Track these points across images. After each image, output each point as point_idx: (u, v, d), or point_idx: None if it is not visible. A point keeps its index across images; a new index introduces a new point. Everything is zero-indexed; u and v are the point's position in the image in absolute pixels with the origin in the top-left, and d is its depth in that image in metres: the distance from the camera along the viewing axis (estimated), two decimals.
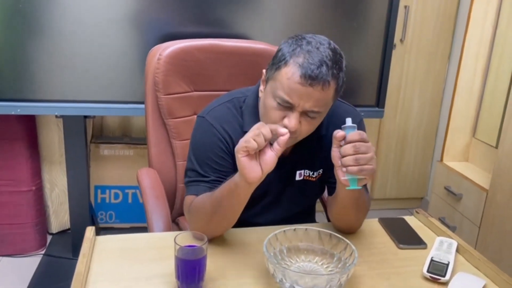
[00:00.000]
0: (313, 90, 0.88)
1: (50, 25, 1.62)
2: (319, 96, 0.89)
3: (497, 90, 2.17)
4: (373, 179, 2.71)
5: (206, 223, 0.95)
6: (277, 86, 0.92)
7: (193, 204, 0.98)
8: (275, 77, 0.92)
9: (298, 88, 0.89)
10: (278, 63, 0.92)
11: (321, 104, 0.92)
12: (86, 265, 0.86)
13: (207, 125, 1.04)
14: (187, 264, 0.81)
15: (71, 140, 1.91)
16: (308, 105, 0.90)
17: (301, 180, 1.10)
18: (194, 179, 1.02)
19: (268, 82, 0.96)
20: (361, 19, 1.87)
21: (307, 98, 0.89)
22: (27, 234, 2.08)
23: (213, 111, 1.06)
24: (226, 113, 1.05)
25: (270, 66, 0.96)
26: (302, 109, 0.91)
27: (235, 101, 1.07)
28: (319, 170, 1.11)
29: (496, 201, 1.84)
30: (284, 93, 0.90)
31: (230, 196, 0.91)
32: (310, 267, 0.90)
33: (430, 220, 1.14)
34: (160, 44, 1.40)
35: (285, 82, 0.90)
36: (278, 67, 0.92)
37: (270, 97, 0.94)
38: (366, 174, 0.86)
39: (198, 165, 1.02)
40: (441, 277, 0.89)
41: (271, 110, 0.94)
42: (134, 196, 2.28)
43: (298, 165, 1.08)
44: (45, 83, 1.68)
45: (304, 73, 0.88)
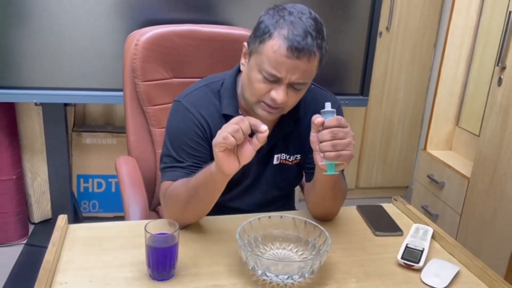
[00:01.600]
0: (299, 62, 0.88)
1: (29, 11, 1.58)
2: (305, 68, 0.90)
3: (480, 78, 2.18)
4: (359, 167, 2.72)
5: (180, 210, 0.94)
6: (262, 60, 0.91)
7: (168, 191, 0.97)
8: (260, 50, 0.91)
9: (285, 61, 0.89)
10: (261, 35, 0.91)
11: (307, 75, 0.92)
12: (55, 253, 0.85)
13: (183, 110, 1.02)
14: (158, 252, 0.80)
15: (51, 128, 1.88)
16: (295, 77, 0.90)
17: (278, 164, 1.09)
18: (170, 165, 1.01)
19: (252, 55, 0.94)
20: (346, 6, 1.86)
21: (294, 71, 0.89)
22: (8, 224, 2.05)
23: (190, 95, 1.04)
24: (203, 98, 1.03)
25: (252, 38, 0.94)
26: (289, 81, 0.91)
27: (212, 86, 1.06)
28: (296, 155, 1.10)
29: (477, 189, 1.86)
30: (271, 67, 0.90)
31: (205, 185, 0.90)
32: (285, 254, 0.90)
33: (408, 207, 1.14)
34: (138, 30, 1.38)
35: (271, 55, 0.89)
36: (262, 40, 0.91)
37: (255, 71, 0.93)
38: (344, 159, 0.85)
39: (174, 150, 1.01)
40: (415, 263, 0.90)
41: (256, 83, 0.93)
42: (117, 185, 2.26)
43: (275, 148, 1.08)
44: (23, 69, 1.64)
45: (291, 46, 0.87)
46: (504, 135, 1.69)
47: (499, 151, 1.72)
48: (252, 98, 0.96)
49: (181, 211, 0.94)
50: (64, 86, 1.68)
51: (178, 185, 0.96)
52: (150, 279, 0.82)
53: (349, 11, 1.87)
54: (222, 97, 1.04)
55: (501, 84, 1.71)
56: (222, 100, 1.03)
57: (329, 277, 0.85)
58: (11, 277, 1.84)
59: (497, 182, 1.73)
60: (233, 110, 1.02)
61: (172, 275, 0.82)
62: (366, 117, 2.62)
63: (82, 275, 0.82)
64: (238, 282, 0.82)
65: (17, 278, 1.84)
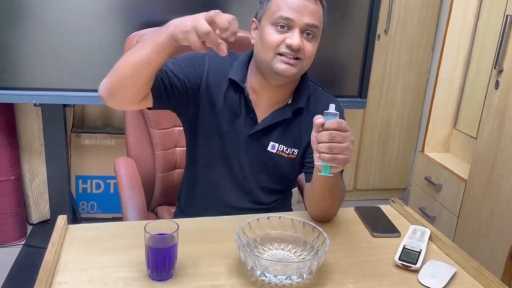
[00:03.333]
0: (308, 2, 0.97)
1: (28, 13, 1.59)
2: (314, 9, 0.98)
3: (477, 81, 2.19)
4: (357, 169, 2.73)
5: (118, 63, 0.92)
6: (274, 11, 0.98)
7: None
8: (269, 6, 0.99)
9: (295, 2, 0.96)
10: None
11: (317, 18, 0.99)
12: (55, 254, 0.85)
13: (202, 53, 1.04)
14: (158, 252, 0.80)
15: (50, 129, 1.88)
16: (307, 17, 0.97)
17: (275, 154, 1.10)
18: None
19: (262, 18, 1.01)
20: (344, 9, 1.87)
21: (305, 11, 0.97)
22: (7, 225, 2.06)
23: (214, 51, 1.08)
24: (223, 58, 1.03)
25: (259, 7, 1.03)
26: (301, 23, 0.97)
27: (234, 54, 1.12)
28: (293, 150, 1.11)
29: (474, 191, 1.87)
30: (283, 11, 0.97)
31: (152, 39, 0.87)
32: (283, 255, 0.91)
33: (405, 209, 1.15)
34: (138, 31, 1.38)
35: (280, 2, 0.98)
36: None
37: (267, 26, 0.99)
38: (339, 163, 0.86)
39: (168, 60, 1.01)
40: (412, 264, 0.90)
41: (270, 36, 0.98)
42: (116, 186, 2.26)
43: (271, 134, 1.09)
44: (23, 70, 1.65)
45: None
46: (501, 137, 1.70)
47: (496, 153, 1.73)
48: (268, 53, 1.00)
49: (118, 63, 0.92)
50: (63, 87, 1.69)
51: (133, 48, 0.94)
52: (149, 279, 0.82)
53: (347, 14, 1.88)
54: (234, 64, 1.09)
55: (498, 87, 1.72)
56: (233, 67, 1.08)
57: (327, 278, 0.86)
58: (9, 278, 1.84)
59: (494, 184, 1.74)
60: (240, 78, 1.07)
61: (171, 275, 0.83)
62: (364, 119, 2.63)
63: (81, 275, 0.82)
64: (236, 282, 0.83)
65: (16, 279, 1.84)
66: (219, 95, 1.07)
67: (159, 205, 1.44)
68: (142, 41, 0.91)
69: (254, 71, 1.07)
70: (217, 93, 1.07)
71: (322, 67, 1.00)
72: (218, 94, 1.07)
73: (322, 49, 1.08)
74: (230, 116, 1.08)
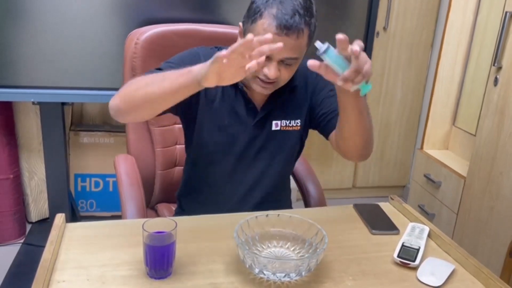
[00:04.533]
0: (288, 39, 0.94)
1: (27, 10, 1.58)
2: (294, 44, 0.95)
3: (476, 78, 2.19)
4: (356, 167, 2.73)
5: (133, 90, 0.91)
6: None
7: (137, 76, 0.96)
8: (252, 29, 0.97)
9: (274, 39, 0.92)
10: (253, 15, 0.97)
11: (297, 51, 0.98)
12: (53, 252, 0.85)
13: (193, 51, 1.09)
14: (156, 250, 0.80)
15: (49, 127, 1.88)
16: (285, 53, 0.96)
17: (279, 131, 1.13)
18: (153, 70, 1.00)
19: (245, 34, 1.00)
20: (343, 6, 1.86)
21: (283, 47, 0.90)
22: (6, 223, 2.05)
23: (205, 48, 1.11)
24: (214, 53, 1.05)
25: (246, 18, 1.01)
26: (280, 57, 0.97)
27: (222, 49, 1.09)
28: (297, 121, 1.14)
29: (473, 189, 1.87)
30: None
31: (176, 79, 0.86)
32: (282, 252, 0.90)
33: (404, 206, 1.15)
34: (138, 29, 1.38)
35: (261, 33, 0.91)
36: (253, 19, 0.97)
37: None
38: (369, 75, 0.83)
39: (164, 67, 1.02)
40: (411, 262, 0.90)
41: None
42: (115, 184, 2.26)
43: (272, 115, 1.12)
44: (21, 68, 1.64)
45: (279, 24, 0.93)
46: (500, 135, 1.70)
47: (495, 150, 1.73)
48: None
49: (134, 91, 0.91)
50: (62, 85, 1.68)
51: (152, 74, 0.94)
52: (147, 277, 0.82)
53: (346, 11, 1.88)
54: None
55: (497, 84, 1.72)
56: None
57: (325, 275, 0.86)
58: (9, 276, 1.84)
59: (493, 182, 1.74)
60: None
61: (169, 274, 0.83)
62: None
63: (79, 274, 0.82)
64: (235, 280, 0.83)
65: (15, 277, 1.84)
66: (216, 91, 1.09)
67: (159, 202, 1.44)
68: (161, 77, 0.89)
69: None
70: (214, 90, 1.08)
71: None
72: (215, 90, 1.08)
73: None
74: (230, 110, 1.10)
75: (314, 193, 1.35)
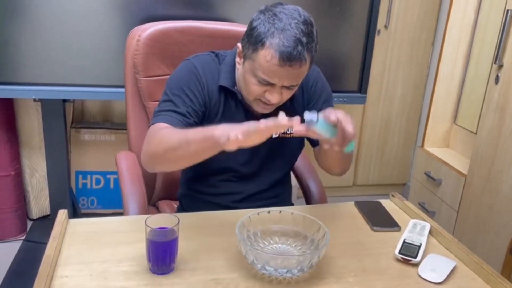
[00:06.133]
0: (291, 69, 0.94)
1: (28, 7, 1.58)
2: (297, 73, 0.96)
3: (477, 76, 2.19)
4: (356, 165, 2.73)
5: (163, 152, 0.93)
6: (256, 67, 0.97)
7: (162, 131, 0.97)
8: (254, 58, 0.97)
9: (278, 70, 0.95)
10: (254, 44, 0.96)
11: (299, 78, 1.00)
12: (56, 248, 0.86)
13: (189, 65, 1.09)
14: (158, 246, 0.80)
15: (50, 124, 1.88)
16: (288, 82, 0.97)
17: (277, 138, 1.12)
18: (166, 108, 1.03)
19: (246, 60, 1.01)
20: (344, 4, 1.86)
21: (286, 77, 0.96)
22: (7, 220, 2.06)
23: (199, 57, 1.11)
24: (210, 62, 1.10)
25: (246, 43, 1.00)
26: (282, 85, 0.98)
27: (219, 56, 1.13)
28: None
29: (473, 186, 1.87)
30: (265, 75, 0.96)
31: (200, 144, 0.88)
32: (283, 248, 0.91)
33: (405, 203, 1.15)
34: (140, 26, 1.38)
35: (264, 64, 0.95)
36: (255, 48, 0.96)
37: (250, 75, 1.00)
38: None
39: (173, 96, 1.04)
40: (412, 258, 0.91)
41: (252, 86, 1.00)
42: (115, 181, 2.27)
43: None
44: (22, 65, 1.64)
45: (282, 56, 0.92)
46: (501, 133, 1.70)
47: (496, 148, 1.73)
48: (249, 97, 1.04)
49: (163, 153, 0.93)
50: (63, 82, 1.68)
51: (174, 130, 0.96)
52: (150, 273, 0.82)
53: (347, 9, 1.88)
54: (222, 70, 1.10)
55: (498, 82, 1.72)
56: (221, 73, 1.09)
57: (327, 272, 0.86)
58: (10, 273, 1.84)
59: (494, 179, 1.74)
60: (230, 84, 1.08)
61: (172, 269, 0.83)
62: (364, 115, 2.63)
63: (82, 269, 0.82)
64: (237, 276, 0.83)
65: (16, 274, 1.84)
66: (218, 102, 1.09)
67: (160, 199, 1.44)
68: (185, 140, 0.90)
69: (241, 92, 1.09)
70: (216, 100, 1.09)
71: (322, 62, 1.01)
72: (217, 100, 1.09)
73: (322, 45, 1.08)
74: (231, 119, 1.09)
75: (315, 190, 1.35)
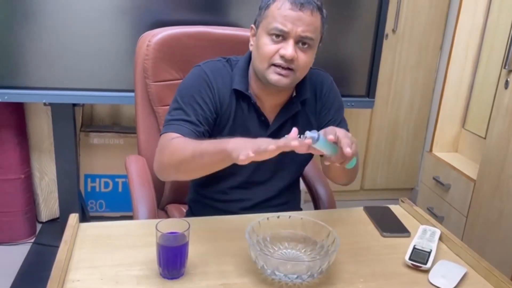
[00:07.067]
0: (303, 14, 0.97)
1: (39, 12, 1.60)
2: (309, 20, 0.98)
3: (486, 80, 2.18)
4: (364, 169, 2.72)
5: (177, 163, 0.95)
6: (269, 21, 0.99)
7: (175, 141, 0.98)
8: (266, 15, 1.00)
9: (290, 14, 0.97)
10: (266, 4, 1.01)
11: (312, 29, 0.99)
12: (67, 252, 0.86)
13: (200, 71, 1.09)
14: (169, 250, 0.81)
15: (60, 128, 1.90)
16: (301, 29, 0.97)
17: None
18: (177, 117, 1.04)
19: (259, 26, 1.03)
20: (352, 8, 1.86)
21: (299, 23, 0.97)
22: (16, 222, 2.07)
23: (210, 63, 1.12)
24: (221, 69, 1.11)
25: (258, 14, 1.04)
26: (296, 34, 0.98)
27: (230, 61, 1.13)
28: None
29: (483, 192, 1.86)
30: (278, 23, 0.98)
31: (213, 156, 0.90)
32: (293, 254, 0.91)
33: (414, 209, 1.15)
34: (150, 31, 1.39)
35: (276, 13, 0.98)
36: (267, 6, 1.01)
37: (263, 35, 1.01)
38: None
39: (184, 104, 1.05)
40: (422, 264, 0.90)
41: (265, 46, 1.00)
42: (124, 185, 2.28)
43: (284, 129, 1.12)
44: (33, 70, 1.66)
45: (294, 0, 0.97)
46: (511, 138, 1.69)
47: (505, 153, 1.72)
48: (262, 63, 1.02)
49: (177, 164, 0.95)
50: (73, 87, 1.70)
51: (187, 141, 0.97)
52: (160, 277, 0.83)
53: (355, 13, 1.88)
54: (235, 74, 1.10)
55: (507, 87, 1.71)
56: (234, 77, 1.10)
57: (337, 277, 0.86)
58: (19, 275, 1.86)
59: (503, 185, 1.73)
60: (244, 88, 1.09)
61: (182, 274, 0.83)
62: (372, 119, 2.62)
63: (93, 273, 0.83)
64: (247, 281, 0.83)
65: (25, 277, 1.85)
66: (230, 107, 1.09)
67: (169, 203, 1.45)
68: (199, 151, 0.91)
69: (254, 77, 1.09)
70: (227, 105, 1.09)
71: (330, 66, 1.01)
72: (229, 105, 1.09)
73: (330, 49, 1.09)
74: (242, 124, 1.10)
75: (324, 195, 1.35)
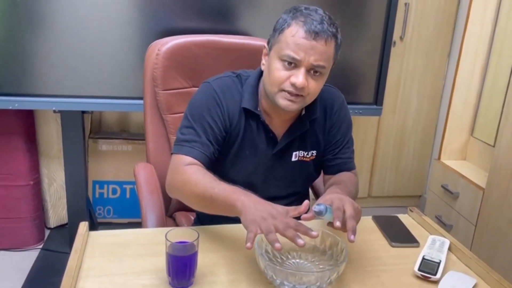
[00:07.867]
0: (317, 43, 0.95)
1: (49, 20, 1.62)
2: (322, 50, 0.96)
3: (495, 88, 2.17)
4: (372, 176, 2.71)
5: (185, 195, 1.00)
6: (282, 47, 0.98)
7: (188, 171, 0.99)
8: (279, 39, 0.99)
9: (304, 43, 0.95)
10: (280, 27, 1.00)
11: (325, 58, 0.98)
12: (78, 260, 0.87)
13: (209, 89, 1.08)
14: (178, 260, 0.81)
15: (69, 135, 1.91)
16: (313, 58, 0.96)
17: (297, 161, 1.14)
18: (189, 138, 1.04)
19: (272, 48, 1.02)
20: (360, 15, 1.87)
21: (312, 52, 0.96)
22: (25, 228, 2.09)
23: (219, 79, 1.11)
24: (231, 86, 1.10)
25: (272, 34, 1.03)
26: (308, 63, 0.97)
27: (240, 77, 1.12)
28: (312, 152, 1.15)
29: (492, 200, 1.84)
30: (290, 50, 0.96)
31: (221, 205, 0.93)
32: (302, 264, 0.91)
33: (423, 218, 1.14)
34: (159, 40, 1.40)
35: (290, 40, 0.96)
36: (281, 30, 0.99)
37: (275, 60, 1.00)
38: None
39: (194, 122, 1.05)
40: (432, 275, 0.90)
41: (276, 72, 1.00)
42: (132, 191, 2.29)
43: (292, 146, 1.13)
44: (43, 77, 1.68)
45: (308, 29, 0.95)
46: None
47: None
48: (273, 88, 1.02)
49: (185, 196, 1.00)
50: (82, 94, 1.72)
51: (200, 177, 0.97)
52: (169, 287, 0.83)
53: (363, 20, 1.88)
54: (244, 91, 1.09)
55: None
56: (244, 95, 1.09)
57: (345, 287, 0.86)
58: (28, 281, 1.87)
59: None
60: (253, 106, 1.08)
61: (191, 283, 0.84)
62: (379, 126, 2.62)
63: (103, 282, 0.83)
64: None
65: (34, 283, 1.86)
66: (239, 124, 1.09)
67: (176, 210, 1.45)
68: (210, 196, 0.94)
69: (263, 95, 1.09)
70: (237, 123, 1.09)
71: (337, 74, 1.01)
72: (238, 122, 1.09)
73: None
74: (251, 141, 1.11)
75: None
